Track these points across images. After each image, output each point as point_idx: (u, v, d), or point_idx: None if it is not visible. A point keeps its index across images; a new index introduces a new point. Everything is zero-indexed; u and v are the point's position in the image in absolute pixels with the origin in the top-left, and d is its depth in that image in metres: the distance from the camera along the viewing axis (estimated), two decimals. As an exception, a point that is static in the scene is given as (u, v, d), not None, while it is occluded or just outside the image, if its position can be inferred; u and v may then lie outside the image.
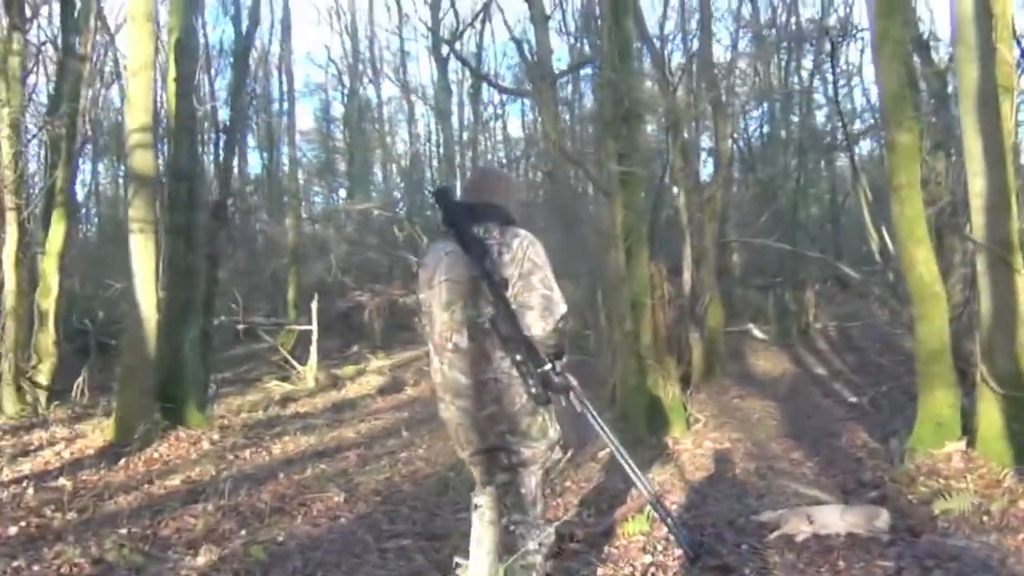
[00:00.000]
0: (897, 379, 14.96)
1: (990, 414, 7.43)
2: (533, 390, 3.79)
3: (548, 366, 3.79)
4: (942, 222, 13.61)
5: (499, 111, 35.40)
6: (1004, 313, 7.31)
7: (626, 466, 4.58)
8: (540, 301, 3.74)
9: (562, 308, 3.78)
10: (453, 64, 29.97)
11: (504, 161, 32.74)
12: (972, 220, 7.56)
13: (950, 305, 9.12)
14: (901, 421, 11.57)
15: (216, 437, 10.43)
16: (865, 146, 27.42)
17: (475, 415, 3.89)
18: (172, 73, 10.84)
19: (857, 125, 23.50)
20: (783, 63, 25.53)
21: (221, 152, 13.54)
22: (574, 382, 4.03)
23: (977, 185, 7.43)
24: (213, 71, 31.70)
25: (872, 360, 17.35)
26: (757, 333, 21.45)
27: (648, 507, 5.72)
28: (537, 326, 3.73)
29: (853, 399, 13.76)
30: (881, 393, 13.66)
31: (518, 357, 3.75)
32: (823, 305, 23.69)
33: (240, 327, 19.87)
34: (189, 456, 9.55)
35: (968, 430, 8.04)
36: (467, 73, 30.86)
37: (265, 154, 33.88)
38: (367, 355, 20.86)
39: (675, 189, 17.18)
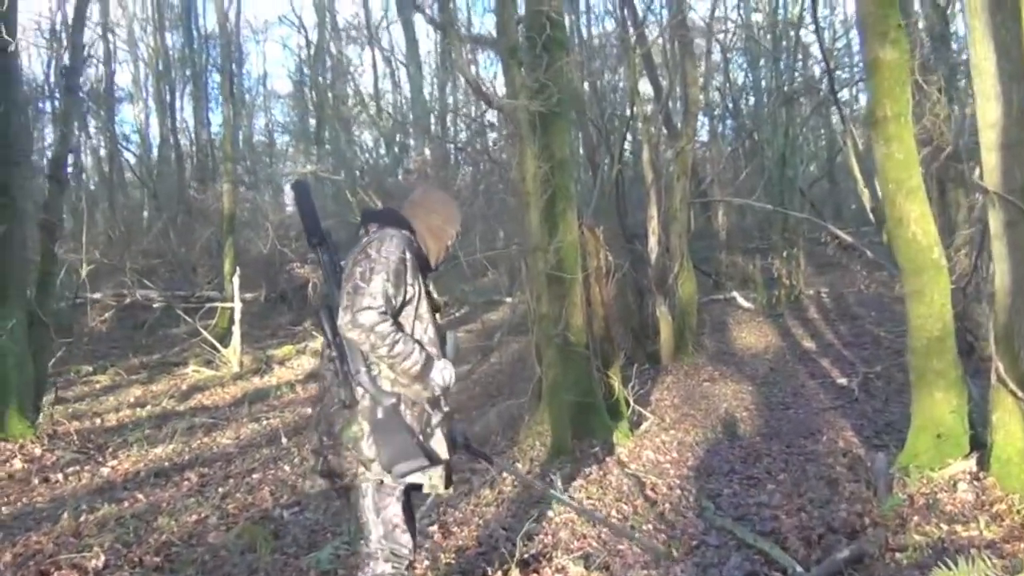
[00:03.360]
0: (895, 354, 13.04)
1: (1010, 426, 5.42)
2: (342, 392, 3.42)
3: (363, 369, 3.35)
4: (942, 168, 11.57)
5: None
6: (1028, 288, 5.27)
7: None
8: (348, 293, 3.30)
9: (364, 301, 3.26)
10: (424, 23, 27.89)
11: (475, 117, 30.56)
12: (983, 162, 5.49)
13: (954, 275, 7.10)
14: (896, 412, 9.71)
15: (38, 452, 8.42)
16: (863, 100, 25.37)
17: (313, 410, 3.68)
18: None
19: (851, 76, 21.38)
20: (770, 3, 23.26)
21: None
22: (414, 396, 3.46)
23: (990, 112, 5.36)
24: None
25: (868, 331, 15.46)
26: (742, 302, 19.54)
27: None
28: (341, 319, 3.29)
29: (843, 381, 11.85)
30: (875, 374, 11.75)
31: (332, 353, 3.45)
32: (816, 270, 21.77)
33: (156, 305, 17.83)
34: (-13, 480, 7.54)
35: (979, 442, 6.05)
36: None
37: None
38: (313, 332, 18.87)
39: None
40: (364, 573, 3.44)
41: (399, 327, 3.37)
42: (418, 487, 3.53)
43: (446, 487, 3.59)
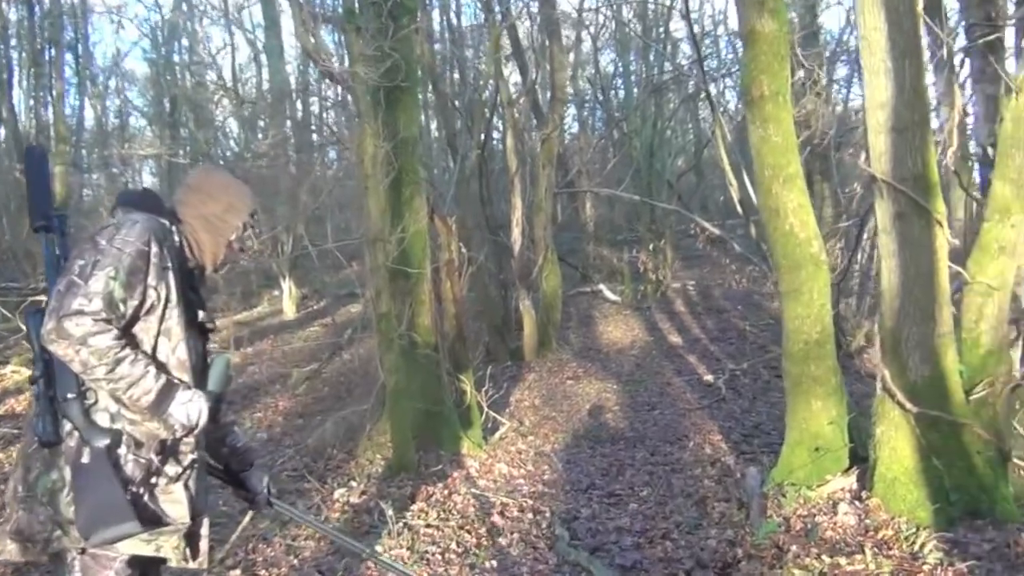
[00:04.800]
0: (761, 350, 12.76)
1: (896, 441, 4.84)
2: (41, 425, 2.45)
3: (72, 396, 2.46)
4: (810, 159, 11.16)
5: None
6: (919, 288, 4.69)
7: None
8: (58, 292, 2.40)
9: (76, 304, 2.35)
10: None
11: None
12: (871, 146, 4.89)
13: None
14: (763, 413, 9.26)
15: None
16: (730, 97, 25.48)
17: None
18: None
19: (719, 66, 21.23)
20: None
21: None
22: (143, 436, 2.56)
23: (879, 91, 4.75)
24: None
25: (734, 325, 15.15)
26: (609, 295, 19.07)
27: None
28: (44, 326, 2.37)
29: (709, 378, 11.39)
30: (742, 371, 11.31)
31: (36, 372, 2.52)
32: (683, 263, 21.55)
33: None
34: None
35: (858, 455, 5.51)
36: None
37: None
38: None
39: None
40: None
41: (130, 343, 2.49)
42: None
43: (193, 558, 2.65)
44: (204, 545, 2.69)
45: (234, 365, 12.82)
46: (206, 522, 2.70)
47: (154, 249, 2.54)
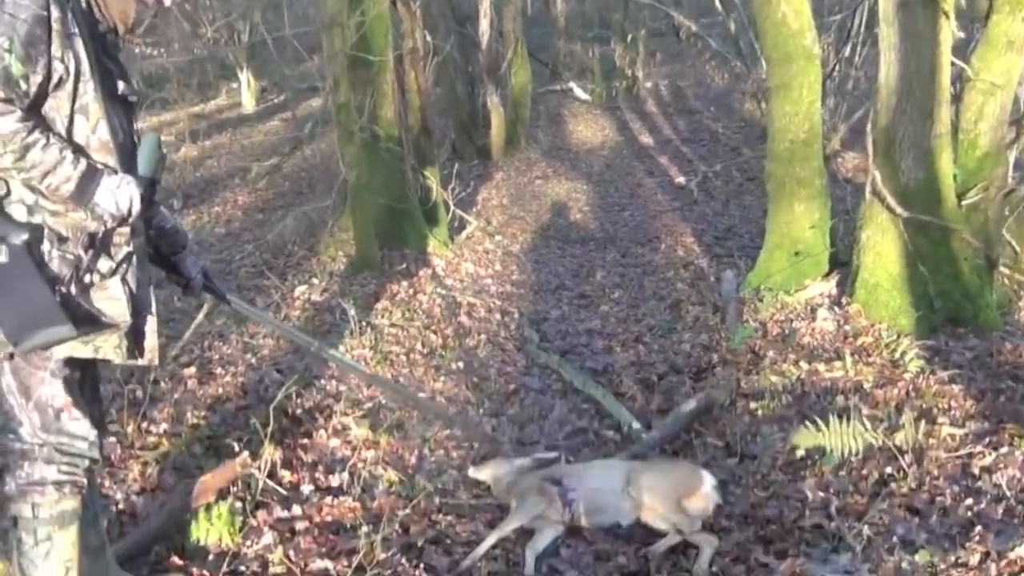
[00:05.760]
0: (733, 152, 12.50)
1: (881, 246, 4.65)
2: None
3: None
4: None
5: None
6: (919, 83, 4.38)
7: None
8: None
9: None
10: None
11: None
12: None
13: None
14: (736, 216, 9.09)
15: None
16: None
17: None
18: None
19: None
20: None
21: None
22: (67, 229, 2.23)
23: None
24: None
25: (706, 127, 14.79)
26: (579, 93, 18.55)
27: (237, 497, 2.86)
28: None
29: (681, 180, 11.14)
30: (714, 173, 11.03)
31: None
32: (655, 62, 20.91)
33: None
34: None
35: (839, 260, 5.34)
36: None
37: None
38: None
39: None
40: (15, 479, 2.32)
41: (40, 124, 2.12)
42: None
43: (140, 355, 2.39)
44: (151, 341, 2.41)
45: (191, 159, 12.38)
46: (151, 319, 2.41)
47: (55, 13, 2.12)
